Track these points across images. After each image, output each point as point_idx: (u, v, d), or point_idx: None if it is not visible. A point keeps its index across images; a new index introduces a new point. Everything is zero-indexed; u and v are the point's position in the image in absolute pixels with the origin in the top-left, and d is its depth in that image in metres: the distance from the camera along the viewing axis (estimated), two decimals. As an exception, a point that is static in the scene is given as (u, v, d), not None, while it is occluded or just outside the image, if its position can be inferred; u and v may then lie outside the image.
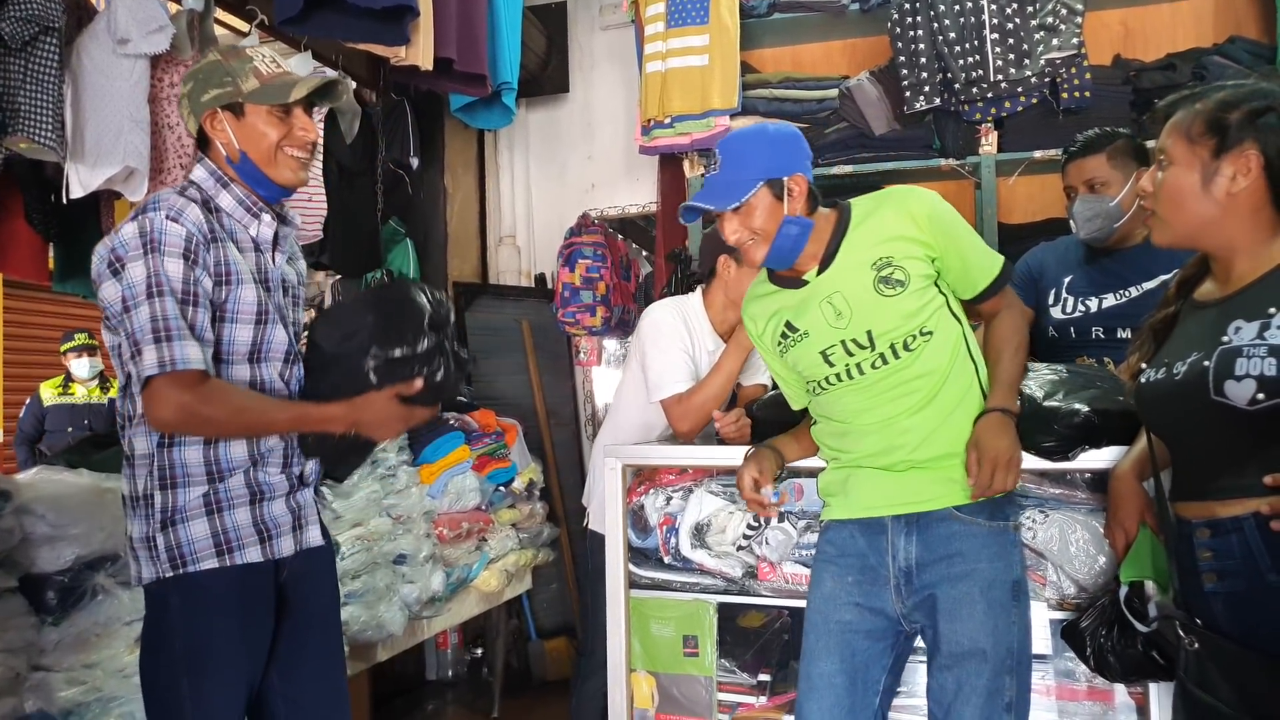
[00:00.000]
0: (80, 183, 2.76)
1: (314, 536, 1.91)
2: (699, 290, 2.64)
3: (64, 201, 2.78)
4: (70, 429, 5.43)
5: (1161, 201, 1.52)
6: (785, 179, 1.85)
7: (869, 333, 1.84)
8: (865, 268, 1.85)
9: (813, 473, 2.09)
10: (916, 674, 2.05)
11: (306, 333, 1.98)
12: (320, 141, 3.52)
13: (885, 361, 1.84)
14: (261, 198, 1.86)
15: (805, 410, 2.08)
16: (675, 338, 2.51)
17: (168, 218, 1.69)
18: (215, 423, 1.74)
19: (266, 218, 1.87)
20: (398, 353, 1.85)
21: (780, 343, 1.97)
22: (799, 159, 1.88)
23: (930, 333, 1.85)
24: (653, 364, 2.50)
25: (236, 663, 1.77)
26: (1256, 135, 1.45)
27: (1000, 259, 1.92)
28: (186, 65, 2.97)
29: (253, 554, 1.78)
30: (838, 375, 1.89)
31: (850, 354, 1.86)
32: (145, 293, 1.66)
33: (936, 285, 1.87)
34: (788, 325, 1.95)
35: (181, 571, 1.72)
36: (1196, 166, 1.48)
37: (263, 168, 1.82)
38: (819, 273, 1.90)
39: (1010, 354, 1.91)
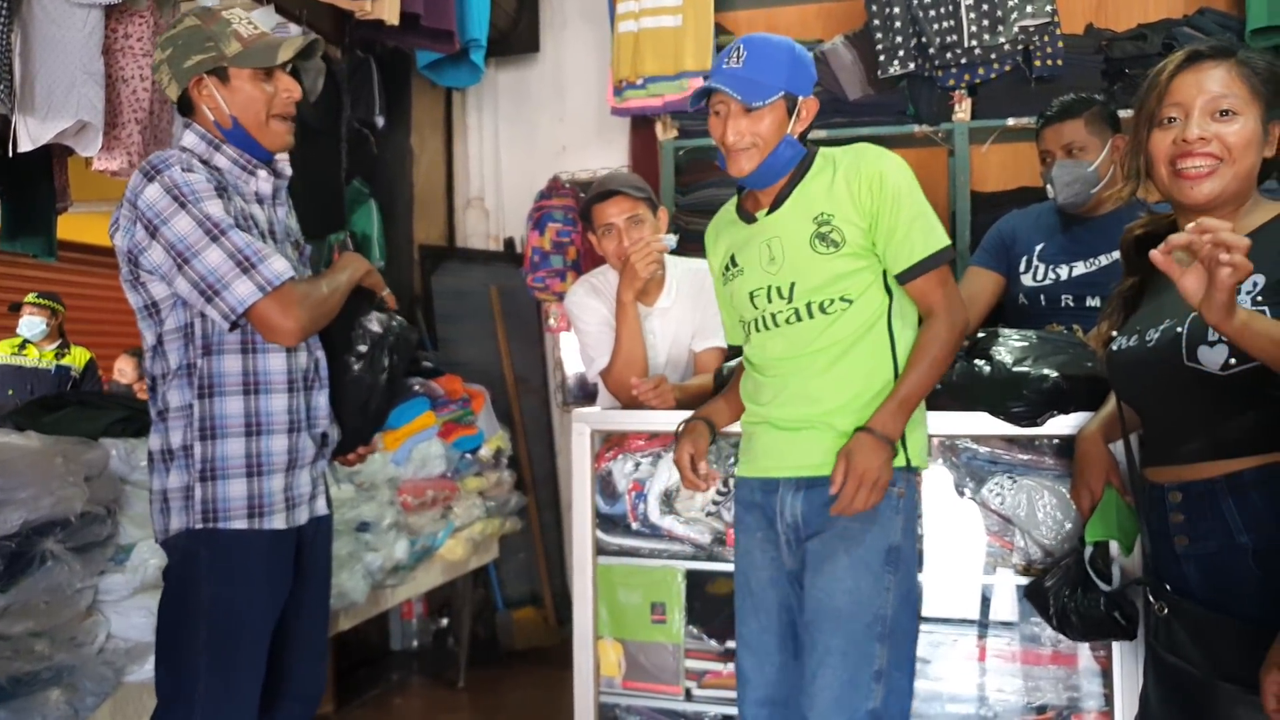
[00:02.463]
0: (30, 136, 2.66)
1: (320, 507, 1.97)
2: None
3: (10, 155, 2.68)
4: (12, 391, 5.27)
5: (1236, 152, 1.43)
6: (800, 98, 1.83)
7: (792, 285, 1.84)
8: (808, 220, 1.84)
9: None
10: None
11: None
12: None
13: (799, 319, 1.84)
14: (253, 157, 1.89)
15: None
16: (591, 314, 2.54)
17: (184, 170, 1.73)
18: (328, 306, 1.85)
19: (262, 173, 1.90)
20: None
21: (725, 273, 1.99)
22: (811, 85, 1.88)
23: (850, 301, 1.82)
24: (582, 346, 2.58)
25: (257, 622, 1.82)
26: None
27: (940, 245, 1.81)
28: (142, 16, 2.88)
29: (278, 521, 1.84)
30: (758, 321, 1.90)
31: (770, 300, 1.87)
32: (203, 238, 1.70)
33: (876, 254, 1.83)
34: (732, 259, 1.96)
35: (212, 526, 1.78)
36: (1257, 121, 1.44)
37: (253, 133, 1.85)
38: (768, 213, 1.89)
39: (919, 368, 1.80)
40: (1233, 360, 1.34)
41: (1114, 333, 1.60)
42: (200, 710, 1.79)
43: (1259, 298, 1.35)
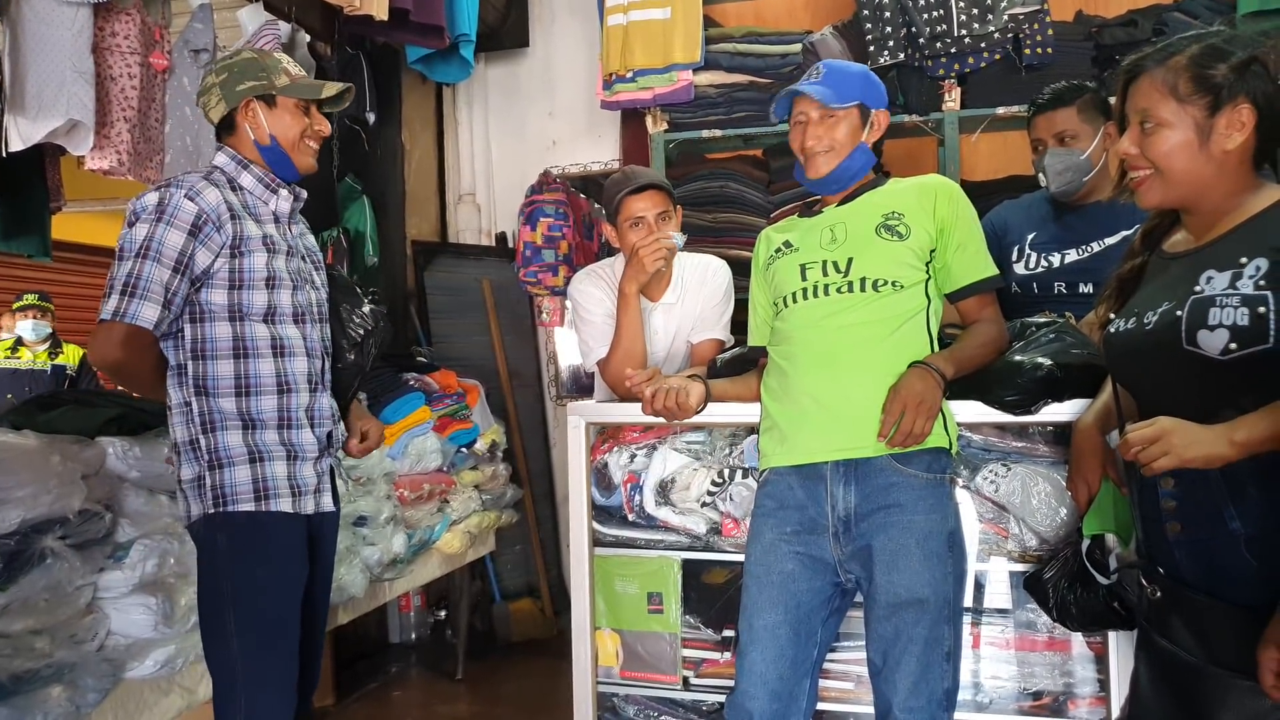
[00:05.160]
0: (21, 136, 2.66)
1: (326, 503, 2.11)
2: (621, 254, 2.61)
3: (3, 155, 2.68)
4: (10, 395, 5.25)
5: (1160, 163, 1.46)
6: (873, 111, 2.00)
7: (850, 260, 1.94)
8: (875, 214, 1.98)
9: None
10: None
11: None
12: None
13: (851, 290, 1.92)
14: (278, 177, 2.11)
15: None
16: (595, 304, 2.54)
17: (185, 196, 1.93)
18: (128, 384, 2.06)
19: (283, 192, 2.12)
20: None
21: (772, 256, 2.08)
22: (884, 103, 2.04)
23: (901, 287, 1.92)
24: (581, 335, 2.58)
25: (280, 603, 1.99)
26: (1246, 88, 1.43)
27: (995, 272, 2.02)
28: (129, 14, 2.88)
29: (284, 504, 2.00)
30: (804, 291, 1.97)
31: (825, 273, 1.96)
32: (137, 251, 1.90)
33: (928, 266, 1.96)
34: (785, 243, 2.07)
35: (222, 509, 1.96)
36: (1190, 126, 1.44)
37: (289, 152, 2.08)
38: (837, 206, 2.03)
39: (973, 342, 1.97)
40: (1233, 345, 1.34)
41: (1112, 315, 1.60)
42: (244, 694, 1.94)
43: (1261, 282, 1.35)
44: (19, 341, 5.44)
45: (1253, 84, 1.43)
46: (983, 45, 3.45)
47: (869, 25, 3.52)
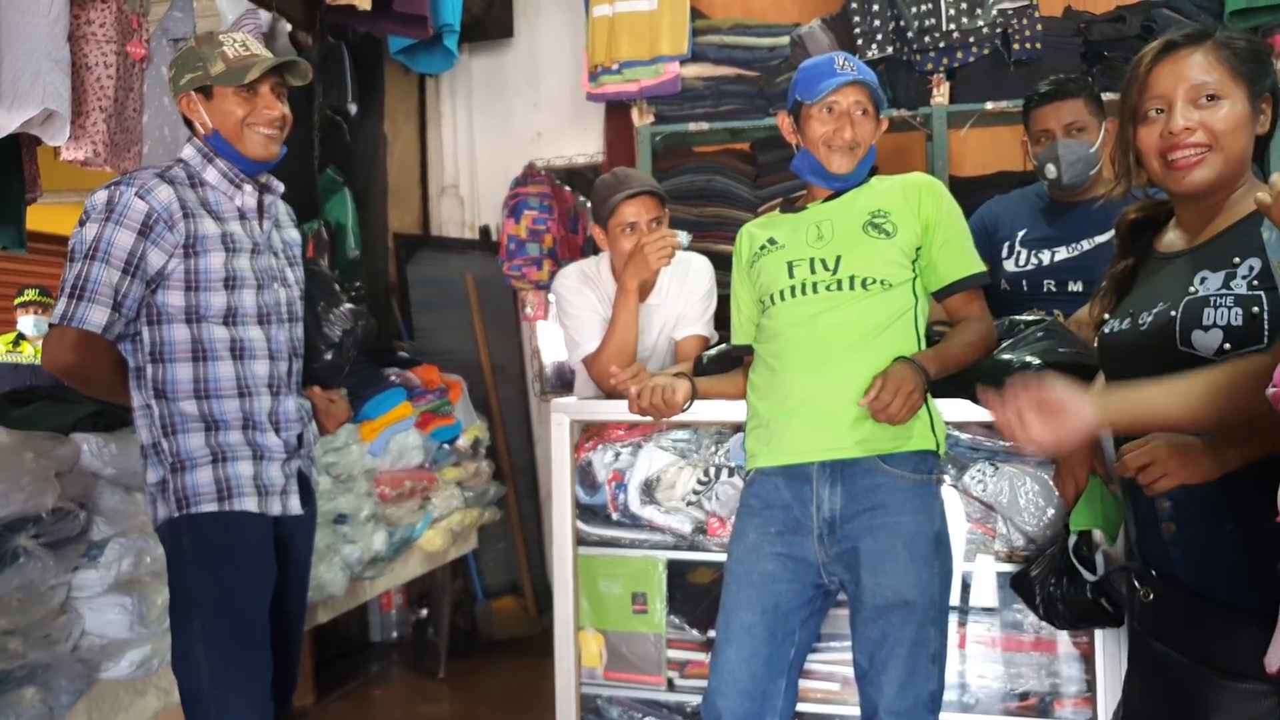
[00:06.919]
0: (-5, 125, 2.60)
1: (294, 505, 2.04)
2: (606, 253, 2.60)
3: (-22, 145, 2.63)
4: (11, 389, 5.16)
5: (1223, 138, 1.42)
6: (881, 115, 2.02)
7: (838, 258, 1.94)
8: (862, 211, 1.98)
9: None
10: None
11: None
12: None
13: (840, 288, 1.92)
14: (241, 171, 2.02)
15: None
16: (582, 300, 2.54)
17: (136, 194, 1.88)
18: (85, 389, 2.03)
19: (248, 188, 2.03)
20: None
21: (756, 253, 2.07)
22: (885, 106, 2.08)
23: (890, 286, 1.92)
24: (567, 329, 2.57)
25: (247, 607, 1.94)
26: (1270, 75, 1.43)
27: (982, 268, 2.03)
28: (105, 2, 2.82)
29: (249, 504, 1.95)
30: (792, 289, 1.96)
31: (813, 271, 1.95)
32: (86, 252, 1.86)
33: (914, 264, 1.97)
34: (770, 239, 2.06)
35: (186, 512, 1.92)
36: (1246, 102, 1.42)
37: (233, 143, 1.98)
38: (822, 203, 2.03)
39: (959, 341, 1.97)
40: (1227, 345, 1.33)
41: (1106, 315, 1.59)
42: (214, 700, 1.89)
43: (1255, 282, 1.34)
44: (21, 336, 5.36)
45: (1271, 72, 1.44)
46: (971, 40, 3.44)
47: (857, 19, 3.51)
